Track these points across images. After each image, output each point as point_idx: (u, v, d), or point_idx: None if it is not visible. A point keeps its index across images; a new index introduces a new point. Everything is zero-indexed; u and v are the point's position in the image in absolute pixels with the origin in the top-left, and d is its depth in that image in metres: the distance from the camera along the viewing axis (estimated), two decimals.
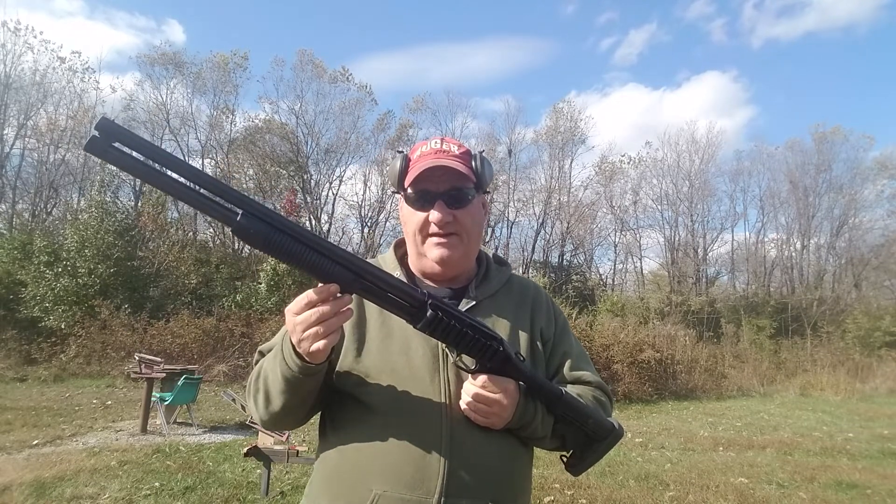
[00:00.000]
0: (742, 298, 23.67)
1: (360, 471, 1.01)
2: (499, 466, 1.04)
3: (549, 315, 1.23)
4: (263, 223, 0.80)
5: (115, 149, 0.76)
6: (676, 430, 8.43)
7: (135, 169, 0.78)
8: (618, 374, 12.07)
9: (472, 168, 1.12)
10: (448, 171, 1.09)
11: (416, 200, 1.12)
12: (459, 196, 1.11)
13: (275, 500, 4.29)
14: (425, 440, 1.00)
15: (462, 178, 1.11)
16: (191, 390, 7.08)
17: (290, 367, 0.95)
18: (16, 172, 21.09)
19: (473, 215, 1.13)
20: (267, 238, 0.81)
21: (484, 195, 1.19)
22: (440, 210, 1.09)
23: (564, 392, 1.08)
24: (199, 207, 0.81)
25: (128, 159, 0.77)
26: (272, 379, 1.01)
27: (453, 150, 1.14)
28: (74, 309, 12.71)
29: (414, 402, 1.03)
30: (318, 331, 0.87)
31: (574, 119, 27.11)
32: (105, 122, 0.75)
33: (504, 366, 1.00)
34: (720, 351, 16.97)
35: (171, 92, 23.44)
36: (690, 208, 26.24)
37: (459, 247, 1.12)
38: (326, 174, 24.76)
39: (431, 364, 1.06)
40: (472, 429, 1.02)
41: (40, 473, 4.66)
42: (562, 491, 4.82)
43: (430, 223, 1.10)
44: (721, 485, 5.26)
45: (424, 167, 1.09)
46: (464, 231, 1.11)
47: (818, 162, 26.60)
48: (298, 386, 0.98)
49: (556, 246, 26.30)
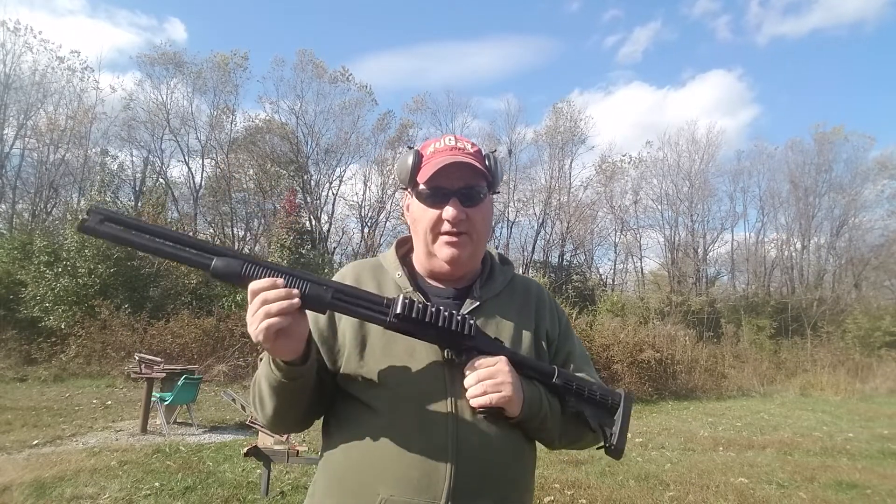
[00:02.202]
0: (742, 298, 23.67)
1: (366, 474, 1.01)
2: (505, 468, 1.04)
3: (553, 315, 1.22)
4: (237, 261, 0.94)
5: (105, 225, 0.91)
6: (676, 430, 8.43)
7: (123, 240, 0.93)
8: (618, 374, 12.07)
9: (486, 166, 1.12)
10: (464, 169, 1.09)
11: (429, 197, 1.10)
12: (473, 194, 1.10)
13: (275, 500, 4.28)
14: (431, 443, 1.00)
15: (477, 176, 1.10)
16: (191, 390, 7.08)
17: (272, 371, 0.98)
18: (16, 172, 21.14)
19: (485, 214, 1.13)
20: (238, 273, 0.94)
21: (493, 196, 1.18)
22: (455, 207, 1.08)
23: (556, 367, 1.09)
24: (180, 261, 0.95)
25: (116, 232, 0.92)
26: (263, 384, 1.03)
27: (467, 148, 1.13)
28: (74, 309, 12.71)
29: (419, 404, 1.02)
30: (258, 315, 0.90)
31: (574, 119, 27.16)
32: (94, 208, 0.92)
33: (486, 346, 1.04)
34: (720, 351, 16.97)
35: (171, 91, 23.48)
36: (690, 208, 26.27)
37: (469, 246, 1.11)
38: (326, 174, 24.81)
39: (436, 365, 1.05)
40: (478, 431, 1.02)
41: (40, 473, 4.66)
42: (562, 491, 4.82)
43: (442, 221, 1.09)
44: (721, 485, 5.26)
45: (442, 163, 1.08)
46: (474, 231, 1.11)
47: (818, 162, 26.65)
48: (284, 390, 1.00)
49: (556, 246, 26.35)
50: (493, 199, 1.19)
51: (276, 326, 0.90)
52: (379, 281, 1.16)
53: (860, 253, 25.50)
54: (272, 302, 0.90)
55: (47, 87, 21.59)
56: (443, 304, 1.12)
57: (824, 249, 26.54)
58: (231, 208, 23.55)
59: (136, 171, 23.42)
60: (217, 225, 23.77)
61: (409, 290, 1.12)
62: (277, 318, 0.90)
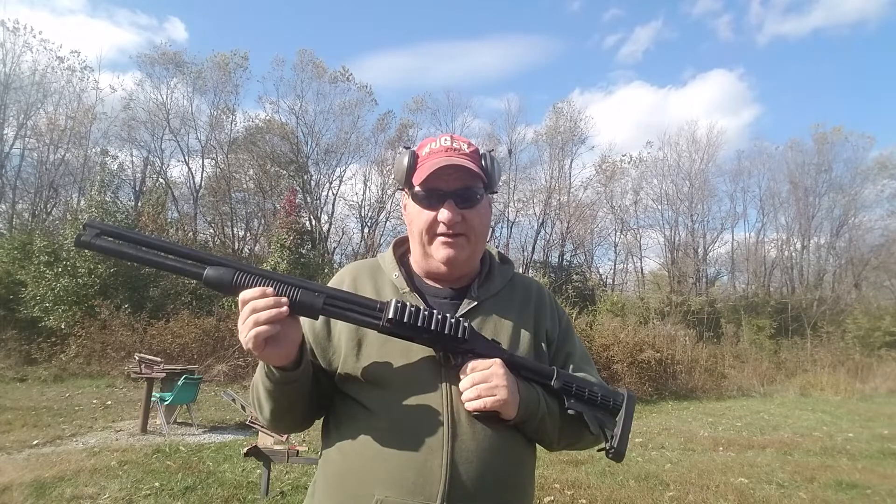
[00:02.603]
0: (742, 298, 23.65)
1: (362, 475, 1.01)
2: (502, 470, 1.03)
3: (554, 315, 1.21)
4: (228, 270, 0.96)
5: (101, 239, 0.94)
6: (676, 430, 8.43)
7: (118, 253, 0.96)
8: (618, 374, 12.08)
9: (482, 167, 1.11)
10: (459, 170, 1.07)
11: (424, 198, 1.09)
12: (469, 195, 1.09)
13: (275, 500, 4.28)
14: (427, 444, 0.99)
15: (473, 178, 1.09)
16: (191, 390, 7.08)
17: (266, 375, 1.00)
18: (16, 172, 21.11)
19: (482, 215, 1.12)
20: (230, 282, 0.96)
21: (490, 195, 1.17)
22: (450, 209, 1.07)
23: (556, 368, 1.08)
24: (174, 272, 0.98)
25: (111, 246, 0.95)
26: (260, 388, 1.05)
27: (463, 148, 1.12)
28: (74, 309, 12.70)
29: (415, 405, 1.02)
30: (248, 323, 0.91)
31: (574, 119, 27.14)
32: (90, 222, 0.95)
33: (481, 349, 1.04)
34: (720, 351, 16.97)
35: (171, 91, 23.46)
36: (691, 208, 26.24)
37: (466, 247, 1.10)
38: (326, 174, 24.78)
39: (433, 367, 1.05)
40: (474, 432, 1.01)
41: (40, 473, 4.66)
42: (562, 491, 4.82)
43: (438, 223, 1.08)
44: (721, 485, 5.25)
45: (436, 165, 1.07)
46: (472, 232, 1.10)
47: (818, 162, 26.61)
48: (280, 394, 1.02)
49: (556, 246, 26.32)
50: (491, 199, 1.18)
51: (265, 335, 0.91)
52: (376, 282, 1.16)
53: (860, 253, 25.49)
54: (261, 310, 0.91)
55: (47, 86, 21.58)
56: (440, 304, 1.12)
57: (824, 249, 26.54)
58: (231, 208, 23.52)
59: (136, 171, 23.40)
60: (217, 225, 23.75)
61: (406, 291, 1.12)
62: (266, 327, 0.91)
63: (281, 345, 0.94)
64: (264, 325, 0.90)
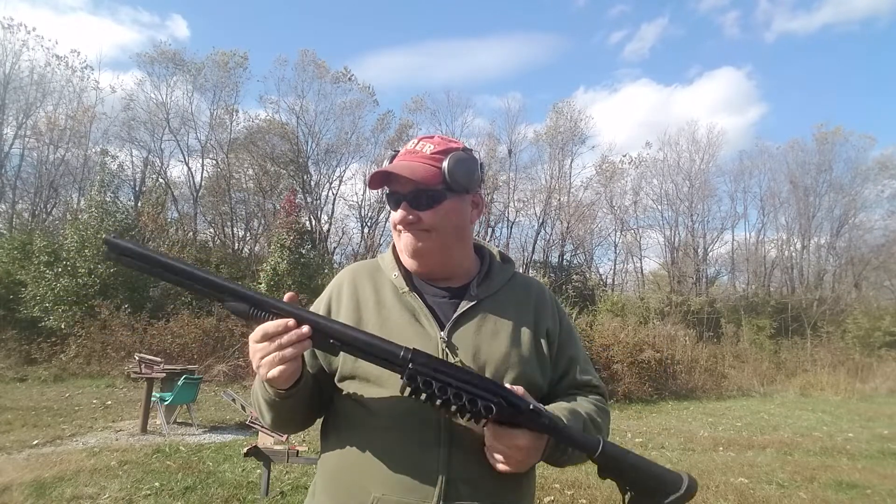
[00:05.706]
0: (742, 298, 23.64)
1: (359, 474, 1.02)
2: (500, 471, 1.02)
3: (555, 314, 1.21)
4: (245, 302, 0.94)
5: (121, 257, 0.94)
6: (676, 430, 8.43)
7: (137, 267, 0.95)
8: (618, 374, 12.08)
9: (440, 169, 1.09)
10: (416, 172, 1.08)
11: (388, 200, 1.14)
12: (423, 197, 1.09)
13: (275, 500, 4.28)
14: (424, 443, 1.00)
15: (427, 180, 1.07)
16: (191, 390, 7.08)
17: (266, 390, 1.01)
18: (16, 172, 21.12)
19: (445, 215, 1.10)
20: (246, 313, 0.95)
21: (468, 194, 1.14)
22: (404, 209, 1.10)
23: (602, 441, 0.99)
24: (189, 290, 0.97)
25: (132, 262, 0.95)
26: (259, 399, 1.07)
27: (426, 150, 1.12)
28: (74, 309, 12.71)
29: (412, 403, 1.01)
30: (273, 358, 0.92)
31: (574, 119, 27.13)
32: (109, 240, 0.95)
33: (516, 417, 0.95)
34: (720, 351, 16.97)
35: (171, 90, 23.43)
36: (691, 208, 26.24)
37: (429, 240, 1.10)
38: (326, 174, 24.78)
39: None
40: (473, 432, 1.01)
41: (40, 473, 4.66)
42: (562, 491, 4.82)
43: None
44: (721, 485, 5.26)
45: (380, 171, 1.10)
46: (433, 228, 1.10)
47: (819, 162, 26.60)
48: (279, 406, 1.03)
49: (556, 246, 26.30)
50: (476, 196, 1.17)
51: (290, 370, 0.93)
52: (376, 282, 1.16)
53: (860, 253, 25.48)
54: (285, 349, 0.91)
55: (47, 86, 21.58)
56: (439, 303, 1.13)
57: (824, 249, 26.53)
58: (231, 208, 23.50)
59: (135, 171, 23.40)
60: (217, 225, 23.75)
61: (405, 290, 1.13)
62: (287, 365, 0.92)
63: (292, 371, 0.96)
64: (290, 362, 0.92)
